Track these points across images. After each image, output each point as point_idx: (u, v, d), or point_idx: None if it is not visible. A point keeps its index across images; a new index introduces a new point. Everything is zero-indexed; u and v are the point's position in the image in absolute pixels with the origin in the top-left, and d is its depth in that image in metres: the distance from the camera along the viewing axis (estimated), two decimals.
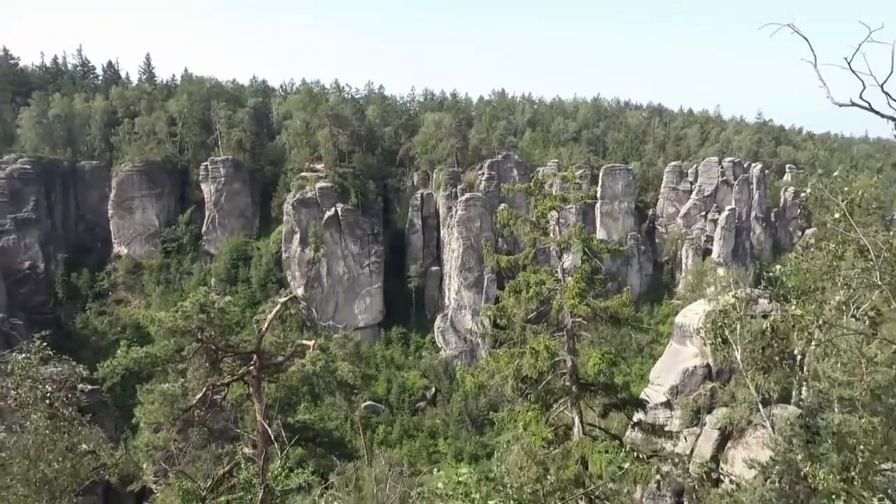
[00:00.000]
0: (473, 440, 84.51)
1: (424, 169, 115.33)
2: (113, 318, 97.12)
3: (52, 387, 8.73)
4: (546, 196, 24.64)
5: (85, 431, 8.92)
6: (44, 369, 9.26)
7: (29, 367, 8.75)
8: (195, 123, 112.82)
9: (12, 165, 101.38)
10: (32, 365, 8.91)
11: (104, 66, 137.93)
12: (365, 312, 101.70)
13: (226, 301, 21.75)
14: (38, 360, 9.16)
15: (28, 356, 8.99)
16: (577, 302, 22.65)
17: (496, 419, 26.74)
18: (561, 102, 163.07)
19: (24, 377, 8.55)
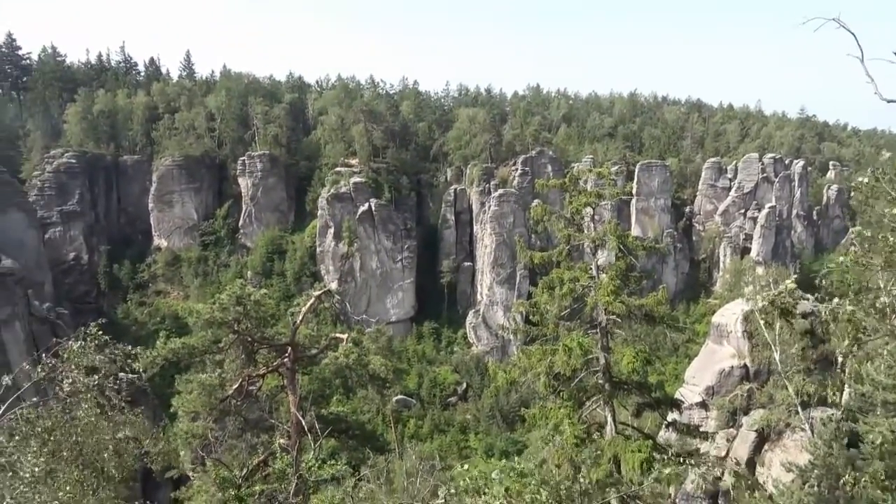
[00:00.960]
0: (504, 436, 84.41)
1: (458, 164, 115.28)
2: (153, 309, 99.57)
3: (99, 376, 9.01)
4: (581, 192, 24.43)
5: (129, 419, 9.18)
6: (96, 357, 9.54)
7: (84, 356, 9.03)
8: (233, 119, 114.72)
9: (59, 160, 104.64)
10: (87, 353, 9.21)
11: (146, 63, 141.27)
12: (397, 307, 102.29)
13: (261, 294, 22.12)
14: (94, 347, 9.45)
15: (84, 344, 9.29)
16: (612, 299, 22.43)
17: (528, 416, 26.61)
18: (597, 98, 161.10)
19: (79, 365, 8.84)
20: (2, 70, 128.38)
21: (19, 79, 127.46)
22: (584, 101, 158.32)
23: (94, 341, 9.48)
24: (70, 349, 9.01)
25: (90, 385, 8.73)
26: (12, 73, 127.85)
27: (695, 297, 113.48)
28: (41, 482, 7.68)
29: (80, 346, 9.21)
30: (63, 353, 9.04)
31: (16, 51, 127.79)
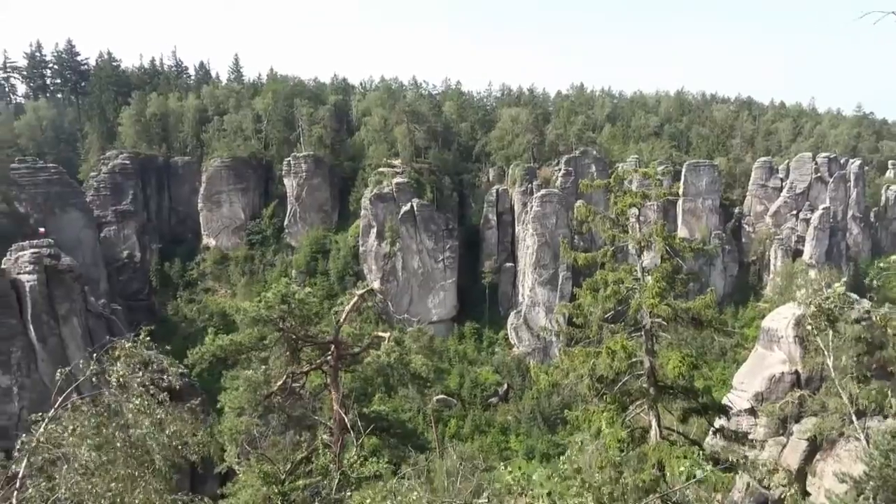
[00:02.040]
0: (545, 438, 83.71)
1: (500, 165, 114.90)
2: (201, 306, 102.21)
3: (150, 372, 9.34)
4: (626, 192, 24.06)
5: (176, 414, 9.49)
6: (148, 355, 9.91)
7: (134, 355, 9.38)
8: (279, 120, 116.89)
9: (114, 161, 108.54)
10: (137, 353, 9.56)
11: (196, 67, 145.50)
12: (439, 307, 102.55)
13: (306, 292, 22.48)
14: (143, 348, 9.82)
15: (135, 345, 9.65)
16: (658, 302, 22.00)
17: (570, 418, 26.33)
18: (642, 96, 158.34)
19: (129, 363, 9.17)
20: (62, 75, 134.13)
21: (78, 83, 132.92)
22: (630, 100, 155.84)
23: (143, 345, 9.83)
24: (121, 347, 9.35)
25: (138, 381, 9.03)
26: (72, 78, 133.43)
27: (744, 300, 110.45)
28: (94, 474, 7.95)
29: (131, 345, 9.56)
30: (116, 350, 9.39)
31: (75, 57, 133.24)
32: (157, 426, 8.75)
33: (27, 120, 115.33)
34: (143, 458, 8.40)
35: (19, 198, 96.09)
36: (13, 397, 59.81)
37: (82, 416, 8.18)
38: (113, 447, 8.10)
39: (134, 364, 9.24)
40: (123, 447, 8.17)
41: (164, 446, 8.84)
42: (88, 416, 8.19)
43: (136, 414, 8.62)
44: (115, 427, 8.31)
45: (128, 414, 8.60)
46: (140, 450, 8.40)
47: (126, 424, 8.45)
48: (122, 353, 9.28)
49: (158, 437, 8.72)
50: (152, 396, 9.06)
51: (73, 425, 8.04)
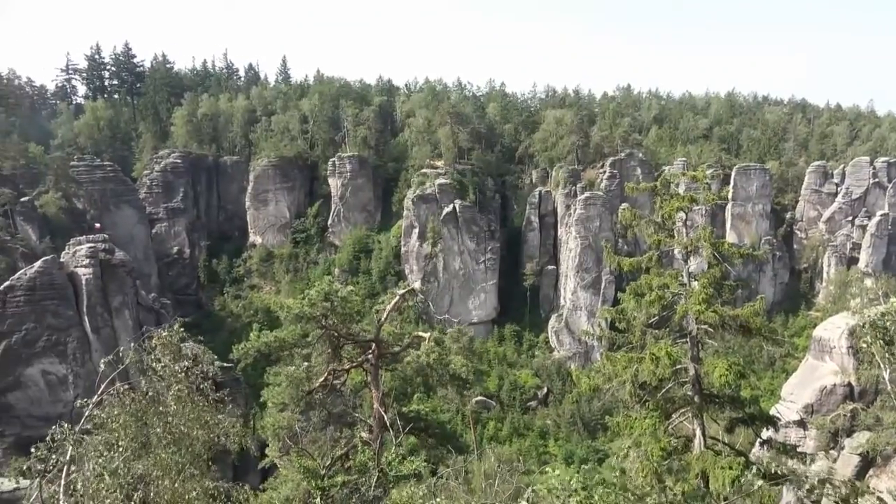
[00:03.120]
0: (585, 444, 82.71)
1: (544, 166, 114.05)
2: (247, 302, 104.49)
3: (188, 362, 9.60)
4: (673, 196, 23.58)
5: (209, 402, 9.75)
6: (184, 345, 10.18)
7: (171, 344, 9.65)
8: (325, 121, 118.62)
9: (166, 160, 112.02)
10: (174, 343, 9.84)
11: (246, 69, 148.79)
12: (479, 308, 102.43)
13: (348, 291, 22.73)
14: (179, 339, 10.10)
15: (171, 335, 9.94)
16: (704, 308, 21.48)
17: (611, 424, 25.93)
18: (691, 97, 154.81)
19: (166, 352, 9.44)
20: (119, 77, 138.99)
21: (134, 85, 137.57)
22: (678, 102, 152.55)
23: (178, 335, 10.13)
24: (159, 336, 9.65)
25: (179, 371, 9.30)
26: (128, 79, 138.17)
27: (794, 308, 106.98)
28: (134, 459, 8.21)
29: (167, 335, 9.85)
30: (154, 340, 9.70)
31: (131, 59, 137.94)
32: (196, 415, 8.98)
33: (86, 120, 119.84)
34: (182, 445, 8.64)
35: (77, 194, 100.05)
36: (69, 385, 62.33)
37: (125, 403, 8.46)
38: (154, 433, 8.37)
39: (173, 353, 9.52)
40: (164, 434, 8.42)
41: (204, 434, 9.06)
42: (130, 402, 8.48)
43: (176, 402, 8.87)
44: (154, 413, 8.57)
45: (171, 403, 8.84)
46: (179, 436, 8.64)
47: (165, 412, 8.70)
48: (158, 342, 9.58)
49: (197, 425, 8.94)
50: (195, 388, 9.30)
51: (116, 411, 8.32)
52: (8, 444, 57.78)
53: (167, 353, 9.53)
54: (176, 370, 9.26)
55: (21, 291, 61.14)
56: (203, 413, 9.12)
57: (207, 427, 9.15)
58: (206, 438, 9.27)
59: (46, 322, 61.94)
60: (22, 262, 77.74)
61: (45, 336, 61.87)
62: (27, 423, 59.10)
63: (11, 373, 59.93)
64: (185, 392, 9.03)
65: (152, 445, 8.31)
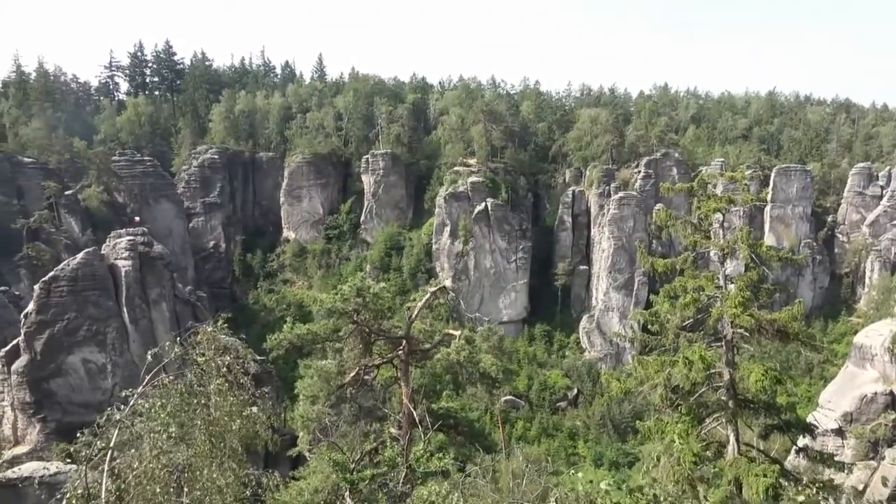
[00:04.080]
0: (615, 446, 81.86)
1: (577, 166, 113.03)
2: (279, 297, 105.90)
3: (230, 356, 9.77)
4: (710, 197, 23.15)
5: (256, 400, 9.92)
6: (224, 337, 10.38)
7: (214, 339, 9.84)
8: (359, 118, 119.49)
9: (204, 155, 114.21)
10: (216, 338, 10.03)
11: (282, 66, 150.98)
12: (509, 307, 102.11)
13: (380, 287, 22.89)
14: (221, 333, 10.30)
15: (214, 329, 10.14)
16: (740, 312, 21.06)
17: (641, 428, 25.58)
18: (730, 97, 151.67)
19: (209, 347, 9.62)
20: (160, 74, 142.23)
21: (174, 82, 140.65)
22: (716, 101, 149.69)
23: (221, 330, 10.32)
24: (202, 331, 9.84)
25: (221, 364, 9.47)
26: (168, 76, 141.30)
27: (834, 314, 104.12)
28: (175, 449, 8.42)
29: (212, 329, 10.04)
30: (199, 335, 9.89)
31: (172, 56, 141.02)
32: (235, 408, 9.16)
33: (128, 115, 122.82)
34: (220, 437, 8.83)
35: (118, 188, 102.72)
36: (107, 374, 64.03)
37: (168, 394, 8.68)
38: (194, 424, 8.56)
39: (215, 347, 9.71)
40: (203, 425, 8.61)
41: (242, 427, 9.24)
42: (173, 393, 8.69)
43: (217, 395, 9.06)
44: (197, 405, 8.76)
45: (212, 396, 9.03)
46: (219, 428, 8.83)
47: (206, 404, 8.90)
48: (203, 337, 9.77)
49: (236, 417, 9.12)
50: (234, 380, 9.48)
51: (159, 402, 8.54)
52: (50, 430, 59.63)
53: (211, 347, 9.72)
54: (219, 364, 9.44)
55: (64, 282, 62.94)
56: (241, 406, 9.30)
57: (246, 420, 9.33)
58: (246, 432, 9.45)
59: (87, 312, 63.68)
60: (65, 254, 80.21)
61: (86, 326, 63.60)
62: (68, 410, 60.93)
63: (54, 360, 61.78)
64: (226, 386, 9.22)
65: (192, 436, 8.50)
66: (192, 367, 9.43)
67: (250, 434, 9.82)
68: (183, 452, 8.23)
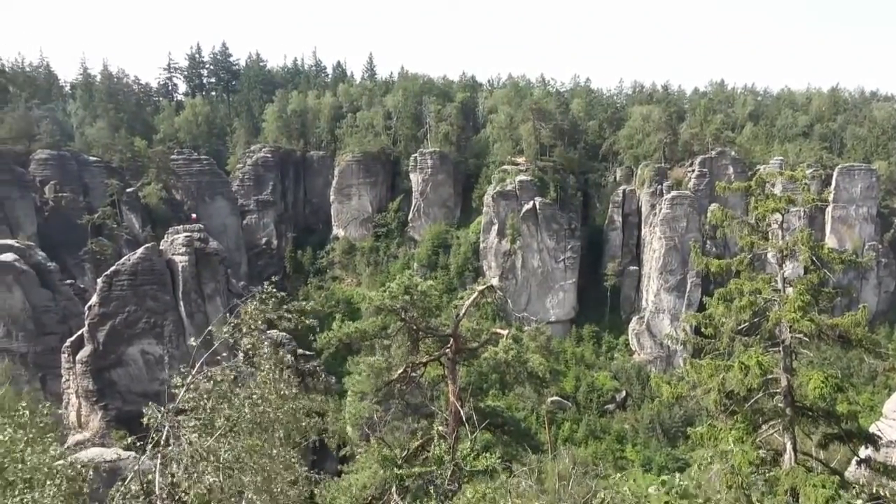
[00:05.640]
0: (664, 451, 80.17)
1: (628, 164, 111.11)
2: (329, 293, 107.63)
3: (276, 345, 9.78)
4: (768, 197, 22.37)
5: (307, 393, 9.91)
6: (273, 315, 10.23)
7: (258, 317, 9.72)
8: (408, 117, 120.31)
9: (257, 154, 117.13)
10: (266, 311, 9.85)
11: (334, 66, 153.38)
12: (557, 307, 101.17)
13: (428, 285, 22.99)
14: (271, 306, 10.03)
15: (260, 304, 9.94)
16: (799, 316, 20.30)
17: (693, 434, 24.95)
18: (790, 93, 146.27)
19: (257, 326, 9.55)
20: (217, 75, 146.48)
21: (230, 82, 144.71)
22: (775, 98, 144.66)
23: (271, 298, 10.13)
24: (246, 310, 9.76)
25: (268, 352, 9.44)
26: (224, 77, 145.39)
27: None
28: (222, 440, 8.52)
29: (255, 306, 9.92)
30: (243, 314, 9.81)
31: (228, 58, 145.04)
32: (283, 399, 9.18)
33: (185, 116, 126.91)
34: (267, 428, 8.87)
35: (176, 186, 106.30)
36: (164, 365, 66.28)
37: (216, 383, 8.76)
38: (242, 416, 8.63)
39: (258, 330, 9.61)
40: (251, 416, 8.67)
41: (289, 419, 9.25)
42: (221, 383, 8.77)
43: (264, 385, 9.09)
44: (246, 396, 8.84)
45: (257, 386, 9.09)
46: (266, 420, 8.86)
47: (253, 394, 8.95)
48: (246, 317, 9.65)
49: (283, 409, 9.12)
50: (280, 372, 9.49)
51: (206, 393, 8.66)
52: (111, 417, 62.23)
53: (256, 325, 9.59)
54: (263, 352, 9.42)
55: (125, 276, 65.50)
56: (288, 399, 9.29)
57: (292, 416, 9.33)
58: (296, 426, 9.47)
59: (146, 305, 66.10)
60: (126, 249, 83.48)
61: (145, 318, 66.03)
62: (127, 399, 63.42)
63: (115, 351, 64.38)
64: (272, 376, 9.22)
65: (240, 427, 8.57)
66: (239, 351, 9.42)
67: (299, 427, 9.83)
68: (232, 444, 8.32)
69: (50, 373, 68.99)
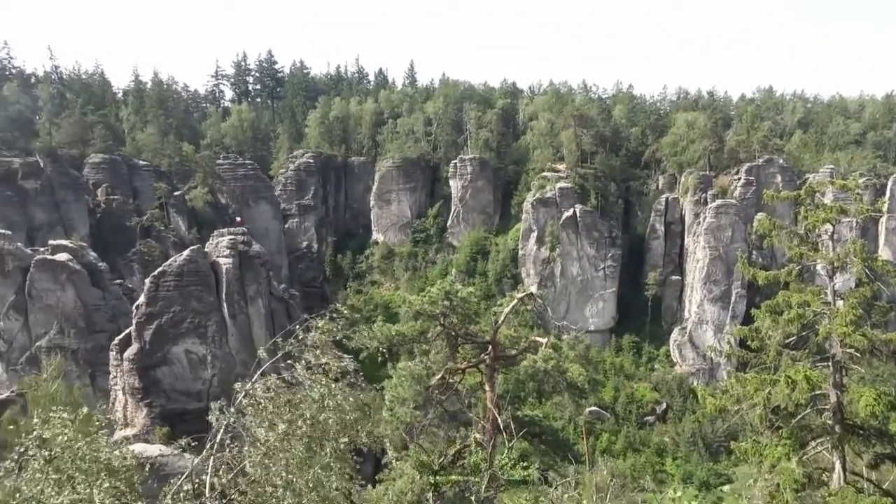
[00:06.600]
0: (706, 466, 78.25)
1: (672, 172, 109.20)
2: (367, 297, 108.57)
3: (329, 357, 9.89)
4: (819, 206, 21.75)
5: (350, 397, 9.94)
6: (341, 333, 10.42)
7: (331, 332, 9.91)
8: (448, 124, 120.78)
9: (300, 159, 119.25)
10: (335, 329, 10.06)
11: (375, 73, 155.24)
12: (596, 316, 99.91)
13: (468, 291, 22.99)
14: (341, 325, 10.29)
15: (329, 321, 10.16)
16: (851, 331, 19.66)
17: (737, 449, 24.31)
18: (842, 100, 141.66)
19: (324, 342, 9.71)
20: (262, 82, 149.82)
21: (274, 89, 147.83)
22: (826, 104, 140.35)
23: (342, 318, 10.34)
24: (316, 325, 9.92)
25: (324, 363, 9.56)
26: (269, 84, 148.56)
27: None
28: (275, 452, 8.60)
29: (325, 322, 10.10)
30: (312, 329, 9.98)
31: (273, 65, 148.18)
32: (338, 409, 9.24)
33: (231, 121, 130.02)
34: (321, 440, 8.92)
35: (221, 190, 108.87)
36: (207, 365, 67.76)
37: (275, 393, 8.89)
38: (297, 425, 8.71)
39: (324, 343, 9.80)
40: (305, 427, 8.74)
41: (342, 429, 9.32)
42: (280, 391, 8.90)
43: (322, 396, 9.16)
44: (305, 406, 8.91)
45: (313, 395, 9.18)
46: (320, 431, 8.93)
47: (310, 405, 9.03)
48: (317, 331, 9.82)
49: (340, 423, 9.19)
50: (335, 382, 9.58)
51: (265, 400, 8.79)
52: (155, 414, 63.83)
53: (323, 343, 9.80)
54: (323, 362, 9.54)
55: (171, 277, 67.21)
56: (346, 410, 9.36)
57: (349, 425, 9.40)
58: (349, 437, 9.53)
59: (191, 306, 67.66)
60: (173, 251, 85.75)
61: (189, 318, 67.57)
62: (171, 397, 65.01)
63: (160, 349, 66.05)
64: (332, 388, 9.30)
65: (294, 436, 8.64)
66: (300, 362, 9.56)
67: (354, 438, 9.87)
68: (286, 453, 8.40)
69: (99, 369, 71.20)
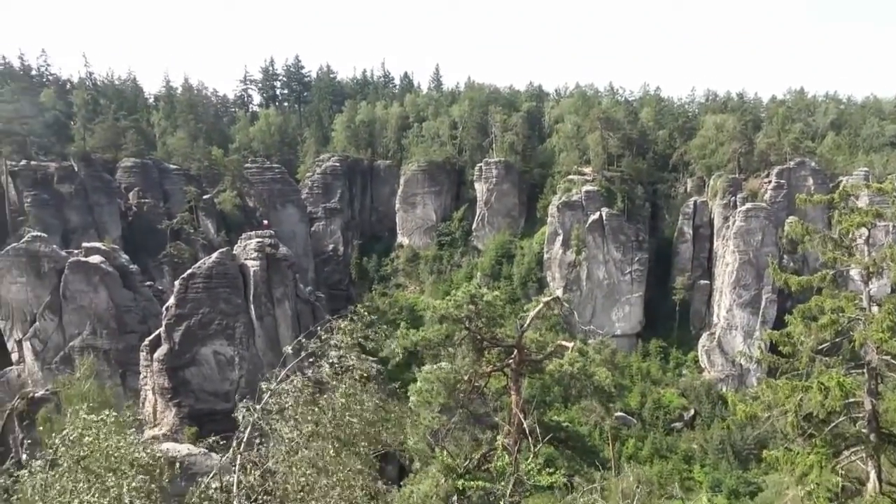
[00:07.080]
0: (735, 474, 76.87)
1: (700, 175, 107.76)
2: (392, 300, 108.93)
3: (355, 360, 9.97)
4: (853, 210, 21.27)
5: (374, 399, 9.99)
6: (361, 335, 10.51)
7: (353, 333, 9.99)
8: (473, 127, 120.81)
9: (326, 163, 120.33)
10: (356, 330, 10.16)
11: (401, 77, 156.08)
12: (623, 321, 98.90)
13: (493, 295, 22.96)
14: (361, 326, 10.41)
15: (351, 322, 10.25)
16: (887, 337, 19.17)
17: (767, 457, 23.84)
18: (876, 101, 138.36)
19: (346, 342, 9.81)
20: (289, 86, 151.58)
21: (301, 94, 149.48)
22: (860, 106, 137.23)
23: (362, 319, 10.43)
24: (339, 326, 10.00)
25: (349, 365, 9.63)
26: (296, 88, 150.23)
27: None
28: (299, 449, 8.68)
29: (347, 323, 10.18)
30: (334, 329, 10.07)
31: (300, 70, 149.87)
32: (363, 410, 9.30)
33: (259, 126, 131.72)
34: (346, 440, 8.98)
35: (249, 193, 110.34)
36: (234, 366, 68.69)
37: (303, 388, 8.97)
38: (321, 426, 8.78)
39: (348, 345, 9.87)
40: (329, 427, 8.81)
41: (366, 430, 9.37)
42: (305, 392, 8.98)
43: (346, 397, 9.24)
44: (328, 407, 9.00)
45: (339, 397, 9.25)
46: (345, 432, 9.00)
47: (334, 405, 9.10)
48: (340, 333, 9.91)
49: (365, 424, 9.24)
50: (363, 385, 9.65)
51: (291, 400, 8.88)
52: (184, 414, 64.84)
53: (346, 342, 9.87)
54: (349, 364, 9.61)
55: (200, 279, 68.31)
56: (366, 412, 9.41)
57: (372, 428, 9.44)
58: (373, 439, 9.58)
59: (219, 307, 68.67)
60: (202, 253, 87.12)
61: (218, 320, 68.58)
62: (199, 397, 66.01)
63: (189, 350, 67.13)
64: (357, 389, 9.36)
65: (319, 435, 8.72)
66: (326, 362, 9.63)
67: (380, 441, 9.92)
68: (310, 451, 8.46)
69: (130, 369, 72.62)
